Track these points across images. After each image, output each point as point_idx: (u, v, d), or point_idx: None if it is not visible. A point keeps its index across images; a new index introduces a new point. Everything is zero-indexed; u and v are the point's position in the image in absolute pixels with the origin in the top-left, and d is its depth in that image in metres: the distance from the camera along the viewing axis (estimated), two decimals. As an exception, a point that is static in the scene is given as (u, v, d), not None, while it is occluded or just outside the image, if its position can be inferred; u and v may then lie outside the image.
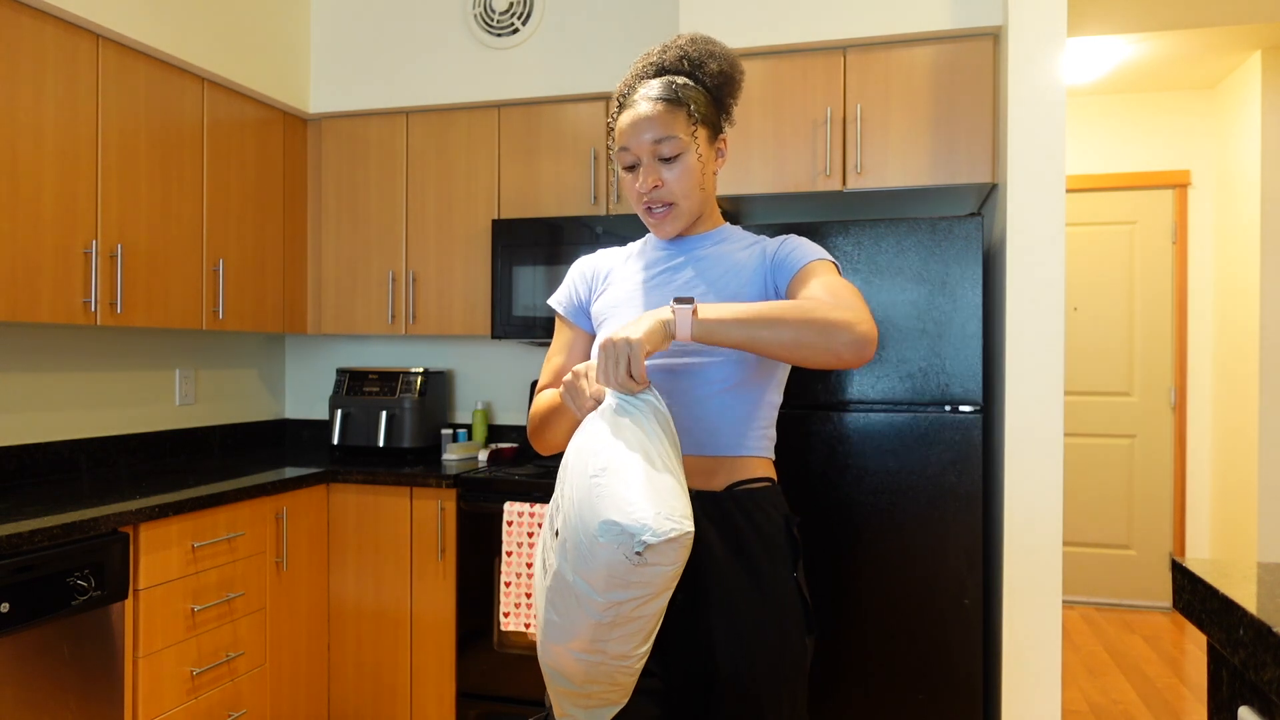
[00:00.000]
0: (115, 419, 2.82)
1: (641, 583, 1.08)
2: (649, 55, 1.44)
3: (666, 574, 1.08)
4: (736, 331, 1.20)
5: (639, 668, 1.17)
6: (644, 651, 1.15)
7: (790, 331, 1.19)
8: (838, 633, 2.33)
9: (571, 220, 2.86)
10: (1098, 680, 3.46)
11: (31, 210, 2.21)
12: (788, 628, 1.33)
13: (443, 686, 2.72)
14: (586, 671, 1.16)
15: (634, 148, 1.37)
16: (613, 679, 1.16)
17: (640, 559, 1.06)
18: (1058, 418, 2.21)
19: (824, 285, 1.29)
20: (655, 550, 1.05)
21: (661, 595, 1.11)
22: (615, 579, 1.08)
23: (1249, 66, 3.86)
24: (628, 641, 1.13)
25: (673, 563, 1.07)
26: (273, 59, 3.03)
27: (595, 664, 1.15)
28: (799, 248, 1.39)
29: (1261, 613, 0.64)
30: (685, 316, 1.18)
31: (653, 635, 1.15)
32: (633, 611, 1.10)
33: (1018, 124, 2.24)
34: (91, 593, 1.96)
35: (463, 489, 2.68)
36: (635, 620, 1.11)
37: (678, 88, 1.38)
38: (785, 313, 1.20)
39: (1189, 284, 4.32)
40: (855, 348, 1.20)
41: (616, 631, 1.12)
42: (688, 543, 1.07)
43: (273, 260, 3.07)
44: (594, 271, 1.53)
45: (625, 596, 1.09)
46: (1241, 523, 3.90)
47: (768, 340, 1.20)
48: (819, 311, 1.21)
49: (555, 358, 1.52)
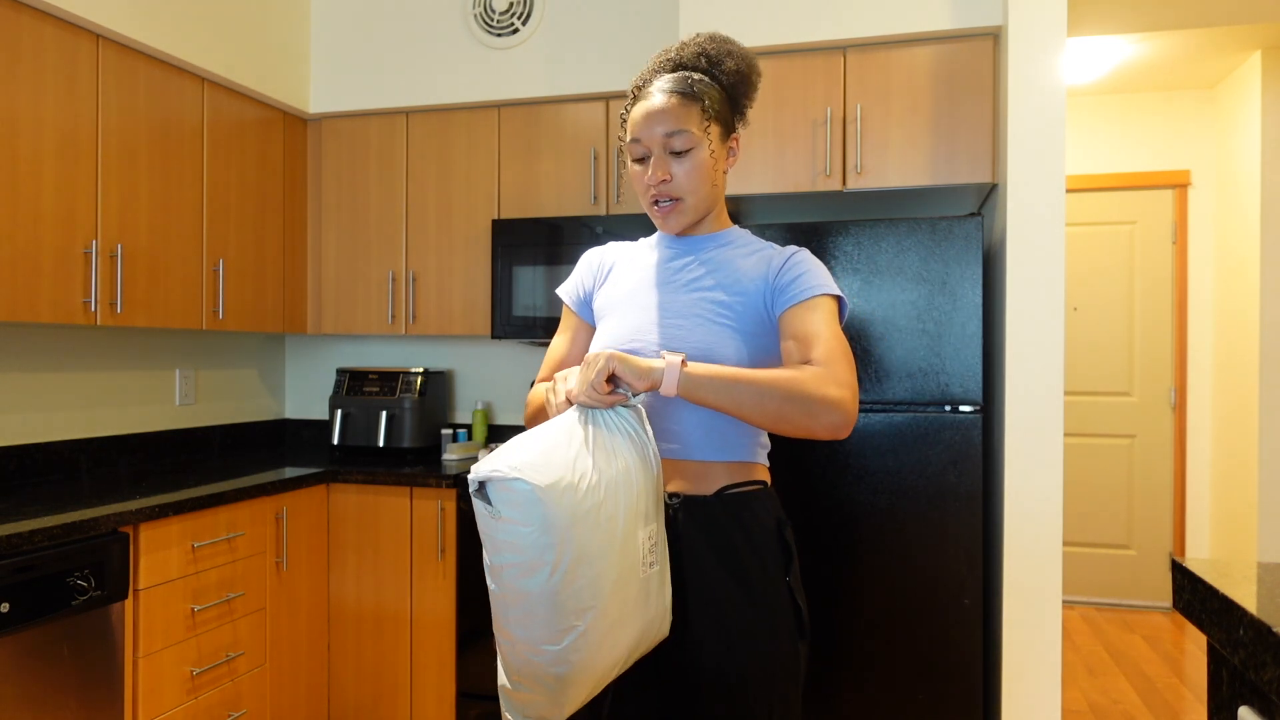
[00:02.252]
0: (115, 419, 2.82)
1: (505, 542, 1.10)
2: (667, 51, 1.43)
3: (525, 535, 1.09)
4: (721, 395, 1.20)
5: (565, 675, 1.12)
6: (554, 650, 1.11)
7: (775, 404, 1.19)
8: (838, 633, 2.33)
9: (571, 220, 2.86)
10: (1098, 680, 3.46)
11: (31, 210, 2.21)
12: (778, 632, 1.32)
13: (443, 686, 2.72)
14: (508, 660, 1.17)
15: (645, 139, 1.36)
16: (536, 677, 1.14)
17: (491, 509, 1.10)
18: (1058, 418, 2.21)
19: (825, 347, 1.26)
20: (497, 494, 1.09)
21: (536, 570, 1.10)
22: (486, 536, 1.13)
23: (1249, 66, 3.86)
24: (526, 626, 1.12)
25: (524, 520, 1.08)
26: (273, 59, 3.03)
27: (511, 649, 1.16)
28: (805, 274, 1.34)
29: (1261, 613, 0.64)
30: (674, 371, 1.19)
31: (565, 633, 1.11)
32: (514, 582, 1.11)
33: (1018, 124, 2.24)
34: (91, 593, 1.96)
35: (463, 489, 2.68)
36: (522, 598, 1.12)
37: (693, 82, 1.36)
38: (775, 384, 1.20)
39: (1189, 284, 4.32)
40: (835, 429, 1.20)
41: (511, 611, 1.13)
42: (528, 494, 1.07)
43: (273, 260, 3.07)
44: (600, 263, 1.53)
45: (500, 561, 1.12)
46: (1241, 523, 3.90)
47: (751, 409, 1.20)
48: (809, 386, 1.19)
49: (558, 347, 1.53)
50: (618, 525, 1.15)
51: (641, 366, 1.19)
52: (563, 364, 1.50)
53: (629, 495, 1.17)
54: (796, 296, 1.32)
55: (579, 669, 1.13)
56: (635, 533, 1.17)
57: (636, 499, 1.18)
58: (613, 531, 1.14)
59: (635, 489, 1.18)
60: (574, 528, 1.10)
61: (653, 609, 1.21)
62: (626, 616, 1.17)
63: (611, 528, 1.14)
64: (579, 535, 1.10)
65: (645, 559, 1.19)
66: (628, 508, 1.17)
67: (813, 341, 1.26)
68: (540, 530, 1.09)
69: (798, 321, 1.30)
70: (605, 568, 1.13)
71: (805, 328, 1.28)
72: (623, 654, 1.18)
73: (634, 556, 1.17)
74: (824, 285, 1.33)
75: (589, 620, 1.12)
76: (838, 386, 1.21)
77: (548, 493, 1.08)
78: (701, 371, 1.21)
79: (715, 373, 1.21)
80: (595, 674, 1.15)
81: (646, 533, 1.19)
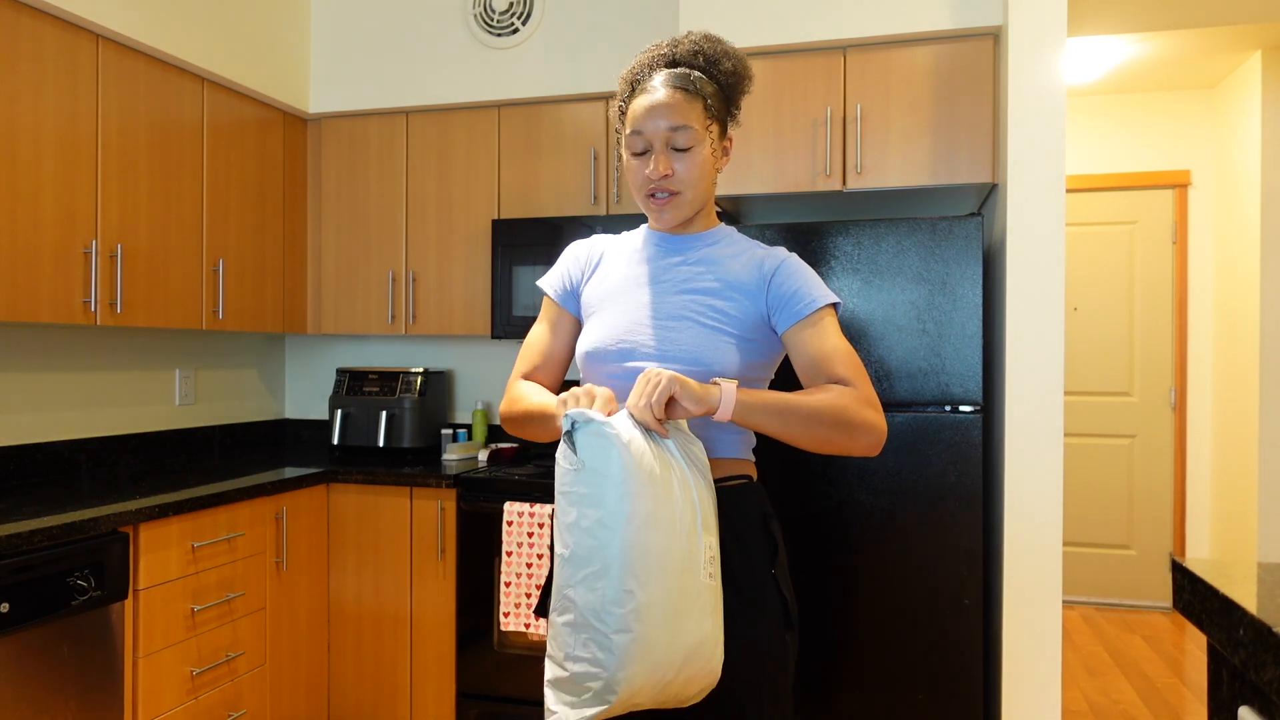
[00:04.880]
0: (115, 419, 2.82)
1: (586, 495, 1.16)
2: (659, 46, 1.42)
3: (607, 484, 1.14)
4: (771, 422, 1.24)
5: (626, 645, 1.13)
6: (619, 614, 1.13)
7: (823, 431, 1.25)
8: (838, 633, 2.33)
9: (571, 220, 2.86)
10: (1098, 680, 3.46)
11: (31, 210, 2.21)
12: (765, 623, 1.33)
13: (443, 686, 2.72)
14: (564, 640, 1.19)
15: (648, 133, 1.35)
16: (599, 645, 1.15)
17: (575, 460, 1.17)
18: (1058, 418, 2.21)
19: (846, 364, 1.31)
20: (586, 439, 1.16)
21: (613, 522, 1.14)
22: (565, 494, 1.19)
23: (1249, 66, 3.86)
24: (595, 586, 1.15)
25: (605, 469, 1.14)
26: (273, 59, 3.03)
27: (571, 624, 1.18)
28: (803, 285, 1.37)
29: (1261, 613, 0.64)
30: (730, 399, 1.22)
31: (630, 595, 1.13)
32: (591, 538, 1.16)
33: (1018, 124, 2.24)
34: (91, 593, 1.96)
35: (463, 489, 2.68)
36: (597, 553, 1.15)
37: (694, 79, 1.36)
38: (820, 412, 1.25)
39: (1189, 284, 4.32)
40: (871, 448, 1.29)
41: (581, 570, 1.17)
42: (616, 439, 1.15)
43: (272, 260, 3.07)
44: (588, 256, 1.51)
45: (578, 517, 1.17)
46: (1241, 523, 3.90)
47: (798, 435, 1.25)
48: (851, 412, 1.26)
49: (539, 338, 1.50)
50: (681, 513, 1.19)
51: (698, 391, 1.21)
52: (545, 356, 1.49)
53: (687, 496, 1.21)
54: (800, 313, 1.35)
55: (640, 642, 1.14)
56: (698, 532, 1.21)
57: (698, 503, 1.22)
58: (677, 515, 1.18)
59: (695, 494, 1.22)
60: (650, 486, 1.15)
61: (709, 626, 1.22)
62: (686, 610, 1.18)
63: (676, 511, 1.18)
64: (653, 495, 1.15)
65: (706, 566, 1.22)
66: (688, 504, 1.21)
67: (832, 359, 1.32)
68: (621, 478, 1.14)
69: (812, 341, 1.33)
70: (671, 544, 1.17)
71: (821, 346, 1.33)
72: (678, 658, 1.17)
73: (697, 555, 1.20)
74: (823, 295, 1.37)
75: (653, 592, 1.14)
76: (874, 409, 1.28)
77: (629, 446, 1.15)
78: (755, 400, 1.24)
79: (767, 401, 1.24)
80: (650, 661, 1.15)
81: (707, 541, 1.23)
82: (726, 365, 1.34)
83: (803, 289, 1.36)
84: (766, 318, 1.38)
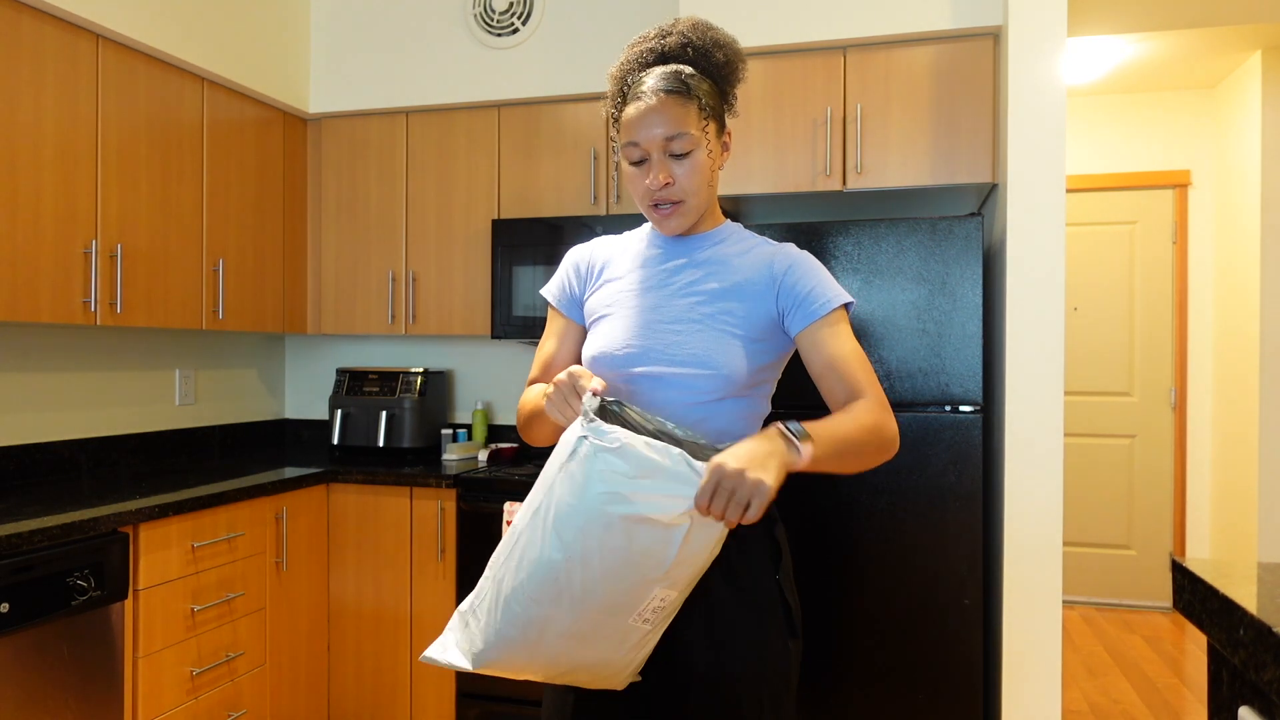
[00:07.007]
0: (115, 419, 2.82)
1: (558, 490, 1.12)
2: (645, 39, 1.38)
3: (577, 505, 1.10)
4: (833, 464, 1.22)
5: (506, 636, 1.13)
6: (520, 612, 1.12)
7: (871, 455, 1.26)
8: (838, 633, 2.33)
9: (571, 220, 2.86)
10: (1098, 680, 3.46)
11: (31, 210, 2.21)
12: (767, 630, 1.31)
13: (443, 686, 2.72)
14: (485, 589, 1.18)
15: (644, 143, 1.31)
16: (483, 623, 1.16)
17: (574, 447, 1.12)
18: (1058, 418, 2.21)
19: (862, 371, 1.31)
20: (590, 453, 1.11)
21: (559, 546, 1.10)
22: (548, 469, 1.16)
23: (1249, 66, 3.85)
24: (517, 575, 1.13)
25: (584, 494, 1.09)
26: (273, 59, 3.03)
27: (493, 582, 1.17)
28: (817, 285, 1.34)
29: (1262, 613, 0.64)
30: (807, 451, 1.15)
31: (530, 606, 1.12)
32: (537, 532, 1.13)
33: (1018, 124, 2.24)
34: (91, 593, 1.96)
35: (463, 489, 2.68)
36: (530, 550, 1.12)
37: (687, 78, 1.32)
38: (868, 439, 1.25)
39: (1189, 284, 4.32)
40: (890, 457, 1.36)
41: (516, 552, 1.15)
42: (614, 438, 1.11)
43: (273, 260, 3.07)
44: (589, 263, 1.48)
45: (539, 501, 1.15)
46: (1241, 523, 3.90)
47: (851, 465, 1.25)
48: (883, 427, 1.27)
49: (547, 349, 1.49)
50: (639, 563, 1.10)
51: (783, 471, 1.11)
52: (553, 368, 1.47)
53: (661, 552, 1.10)
54: (816, 313, 1.32)
55: (523, 643, 1.13)
56: (651, 584, 1.11)
57: (670, 561, 1.10)
58: (633, 564, 1.09)
59: (673, 551, 1.10)
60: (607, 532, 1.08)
61: (617, 656, 1.17)
62: (591, 640, 1.13)
63: (633, 560, 1.09)
64: (606, 540, 1.08)
65: (646, 614, 1.14)
66: (652, 558, 1.10)
67: (850, 364, 1.31)
68: (589, 516, 1.10)
69: (829, 344, 1.31)
70: (604, 585, 1.10)
71: (839, 349, 1.31)
72: (562, 666, 1.16)
73: (636, 603, 1.12)
74: (837, 295, 1.34)
75: (559, 614, 1.11)
76: (891, 414, 1.29)
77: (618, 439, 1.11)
78: (822, 452, 1.17)
79: (830, 447, 1.18)
80: (526, 658, 1.14)
81: (662, 594, 1.13)
82: (735, 368, 1.31)
83: (817, 289, 1.33)
84: (777, 318, 1.35)
